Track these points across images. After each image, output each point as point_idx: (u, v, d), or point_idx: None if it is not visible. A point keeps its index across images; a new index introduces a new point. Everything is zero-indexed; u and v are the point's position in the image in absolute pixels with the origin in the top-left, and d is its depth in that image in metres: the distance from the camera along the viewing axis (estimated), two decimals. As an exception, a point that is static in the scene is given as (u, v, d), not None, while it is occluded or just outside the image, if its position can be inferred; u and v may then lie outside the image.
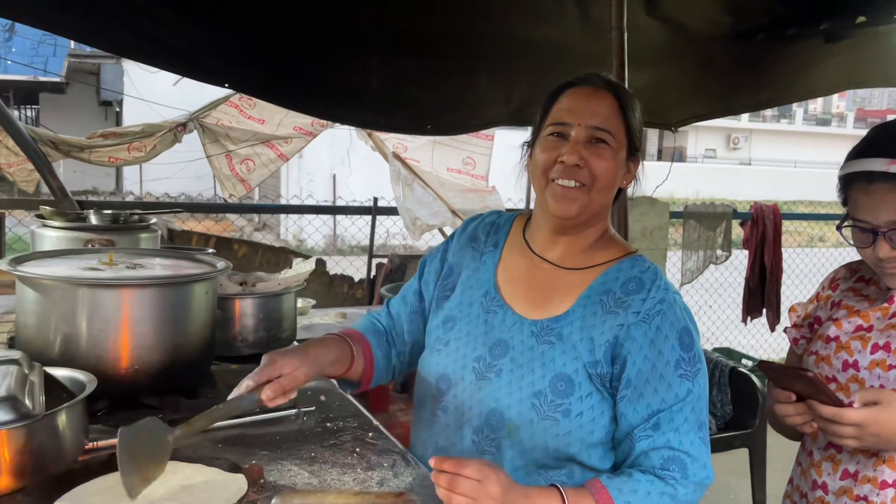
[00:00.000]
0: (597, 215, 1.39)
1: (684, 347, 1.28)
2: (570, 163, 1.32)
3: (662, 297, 1.31)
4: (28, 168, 3.80)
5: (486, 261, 1.48)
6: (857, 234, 1.38)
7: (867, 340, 1.36)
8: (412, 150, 4.42)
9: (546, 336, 1.34)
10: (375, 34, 3.09)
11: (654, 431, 1.25)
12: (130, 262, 1.48)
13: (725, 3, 3.39)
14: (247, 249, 4.22)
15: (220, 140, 4.09)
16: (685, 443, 1.24)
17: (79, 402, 1.13)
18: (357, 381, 1.48)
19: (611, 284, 1.35)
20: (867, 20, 3.28)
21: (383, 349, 1.53)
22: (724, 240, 5.01)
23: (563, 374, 1.29)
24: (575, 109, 1.35)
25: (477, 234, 1.53)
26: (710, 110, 4.12)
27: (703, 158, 31.72)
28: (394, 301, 1.60)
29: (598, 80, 1.39)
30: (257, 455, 1.26)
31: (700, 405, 1.28)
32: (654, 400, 1.26)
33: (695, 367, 1.28)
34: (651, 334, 1.28)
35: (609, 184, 1.35)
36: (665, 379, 1.26)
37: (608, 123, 1.34)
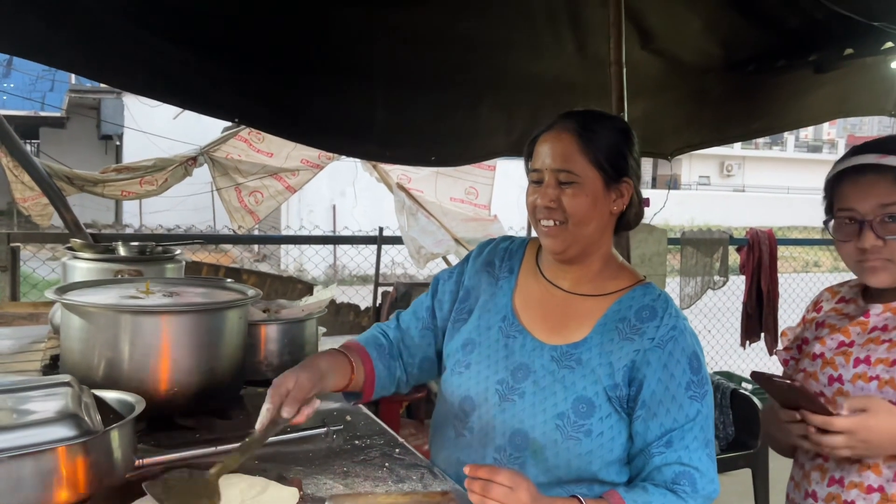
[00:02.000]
0: (592, 245, 1.47)
1: (694, 371, 1.38)
2: (542, 205, 1.44)
3: (675, 324, 1.41)
4: (43, 202, 3.89)
5: (503, 286, 1.57)
6: (842, 227, 1.43)
7: (849, 355, 1.43)
8: (416, 180, 4.53)
9: (566, 361, 1.43)
10: (381, 68, 3.20)
11: (666, 448, 1.35)
12: (166, 291, 1.57)
13: (717, 36, 3.52)
14: (255, 279, 4.30)
15: (230, 173, 4.19)
16: (695, 459, 1.34)
17: (131, 420, 1.20)
18: (359, 392, 1.54)
19: (625, 312, 1.44)
20: (854, 52, 3.40)
21: (385, 361, 1.58)
22: (721, 265, 5.11)
23: (584, 397, 1.38)
24: (542, 155, 1.45)
25: (492, 259, 1.61)
26: (704, 139, 4.22)
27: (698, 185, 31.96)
28: (404, 315, 1.67)
29: (562, 122, 1.46)
30: (293, 470, 1.34)
31: (707, 424, 1.38)
32: (667, 419, 1.36)
33: (703, 389, 1.38)
34: (664, 359, 1.38)
35: (585, 218, 1.43)
36: (677, 400, 1.36)
37: (569, 163, 1.42)
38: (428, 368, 1.64)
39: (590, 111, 1.51)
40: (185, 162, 4.04)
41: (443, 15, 3.03)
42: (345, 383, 1.48)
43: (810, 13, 3.23)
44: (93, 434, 1.10)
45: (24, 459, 1.05)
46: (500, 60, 3.31)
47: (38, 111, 16.07)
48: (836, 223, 1.45)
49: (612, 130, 1.47)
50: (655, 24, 3.35)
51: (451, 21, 3.06)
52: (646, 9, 3.23)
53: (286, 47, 3.04)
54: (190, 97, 3.22)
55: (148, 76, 3.04)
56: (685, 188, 30.16)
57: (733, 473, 3.29)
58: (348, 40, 3.05)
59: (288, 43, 3.02)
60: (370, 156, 4.15)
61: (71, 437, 1.08)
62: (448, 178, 4.51)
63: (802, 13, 3.26)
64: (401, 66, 3.23)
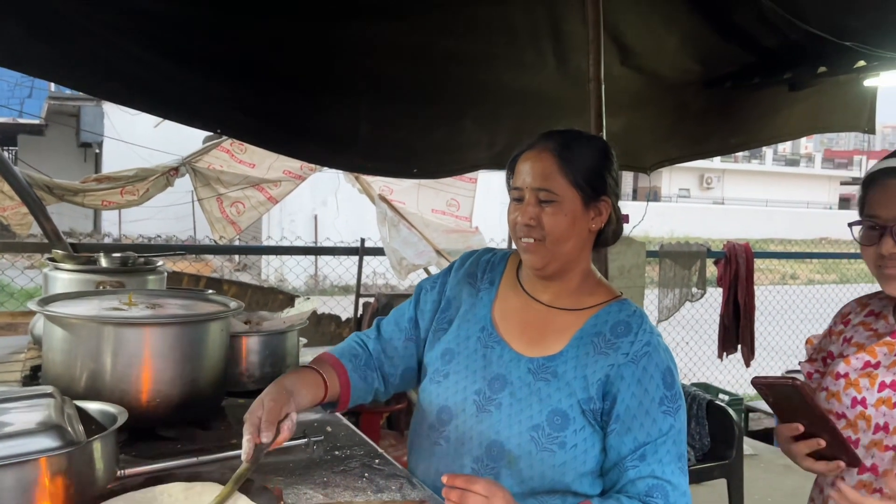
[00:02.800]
0: (571, 261, 1.50)
1: (667, 386, 1.41)
2: (522, 223, 1.47)
3: (648, 339, 1.44)
4: (22, 212, 3.87)
5: (483, 297, 1.59)
6: (865, 232, 1.42)
7: (874, 378, 1.40)
8: (398, 192, 4.56)
9: (542, 373, 1.46)
10: (364, 80, 3.22)
11: (640, 462, 1.37)
12: (149, 303, 1.58)
13: (695, 53, 3.58)
14: (236, 290, 4.30)
15: (212, 184, 4.19)
16: (668, 472, 1.36)
17: (114, 431, 1.21)
18: (334, 402, 1.55)
19: (601, 327, 1.47)
20: (828, 70, 3.48)
21: (360, 372, 1.59)
22: (698, 278, 5.17)
23: (558, 409, 1.41)
24: (523, 174, 1.48)
25: (474, 270, 1.64)
26: (683, 153, 4.27)
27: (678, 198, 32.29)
28: (385, 324, 1.67)
29: (543, 142, 1.50)
30: (274, 480, 1.35)
31: (680, 438, 1.41)
32: (641, 433, 1.38)
33: (676, 404, 1.41)
34: (638, 374, 1.41)
35: (563, 236, 1.46)
36: (650, 415, 1.39)
37: (548, 182, 1.45)
38: (409, 378, 1.66)
39: (570, 131, 1.55)
40: (166, 172, 4.03)
41: (427, 30, 3.07)
42: (319, 398, 1.49)
43: (785, 32, 3.31)
44: (75, 445, 1.11)
45: (7, 470, 1.06)
46: (483, 75, 3.35)
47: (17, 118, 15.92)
48: (863, 227, 1.43)
49: (590, 150, 1.51)
50: (635, 41, 3.40)
51: (435, 36, 3.09)
52: (626, 26, 3.29)
53: (269, 59, 3.06)
54: (173, 108, 3.22)
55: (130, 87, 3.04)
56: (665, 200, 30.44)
57: (709, 483, 3.33)
58: (332, 53, 3.07)
59: (271, 55, 3.03)
60: (353, 168, 4.16)
61: (54, 448, 1.09)
62: (430, 190, 4.54)
63: (778, 32, 3.34)
64: (384, 79, 3.25)
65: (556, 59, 3.36)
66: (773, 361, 7.39)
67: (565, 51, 3.31)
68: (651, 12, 3.29)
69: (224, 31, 2.88)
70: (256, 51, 2.99)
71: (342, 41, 3.03)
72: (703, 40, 3.48)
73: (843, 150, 40.06)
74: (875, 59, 3.20)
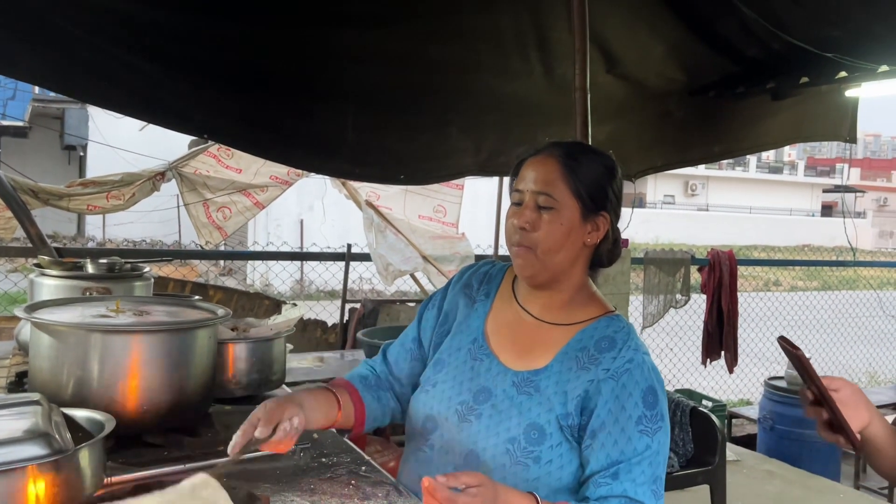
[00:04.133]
0: (562, 273, 1.49)
1: (647, 405, 1.39)
2: (518, 225, 1.46)
3: (632, 356, 1.42)
4: (6, 216, 3.85)
5: (478, 308, 1.60)
6: None
7: None
8: (385, 198, 4.57)
9: (525, 387, 1.45)
10: (351, 87, 3.23)
11: (612, 480, 1.35)
12: (137, 310, 1.58)
13: (680, 62, 3.62)
14: (221, 295, 4.29)
15: (198, 189, 4.19)
16: (640, 493, 1.35)
17: (101, 439, 1.22)
18: (350, 427, 1.55)
19: (586, 342, 1.46)
20: (810, 80, 3.53)
21: (373, 393, 1.60)
22: (683, 285, 5.22)
23: (536, 424, 1.40)
24: (526, 178, 1.48)
25: (471, 281, 1.65)
26: (667, 161, 4.30)
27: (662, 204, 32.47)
28: (392, 348, 1.69)
29: (550, 148, 1.50)
30: (261, 488, 1.36)
31: (658, 460, 1.38)
32: (614, 451, 1.36)
33: (656, 425, 1.38)
34: (617, 390, 1.39)
35: (555, 245, 1.44)
36: (626, 433, 1.37)
37: (549, 187, 1.44)
38: None
39: (579, 143, 1.58)
40: (153, 177, 4.03)
41: (413, 37, 3.09)
42: (332, 418, 1.48)
43: (768, 43, 3.36)
44: (63, 453, 1.11)
45: (-6, 478, 1.06)
46: (469, 82, 3.37)
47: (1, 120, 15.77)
48: None
49: (596, 164, 1.50)
50: (621, 50, 3.44)
51: (422, 43, 3.11)
52: (611, 35, 3.32)
53: (256, 65, 3.06)
54: (160, 113, 3.21)
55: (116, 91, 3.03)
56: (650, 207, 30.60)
57: (692, 490, 3.35)
58: (320, 60, 3.08)
59: (258, 61, 3.03)
60: (340, 173, 4.17)
61: (41, 456, 1.09)
62: (417, 196, 4.56)
63: (760, 43, 3.39)
64: (371, 86, 3.26)
65: (542, 66, 3.39)
66: (757, 367, 7.45)
67: (551, 59, 3.34)
68: (637, 21, 3.32)
69: (211, 36, 2.89)
70: (243, 57, 3.00)
71: (329, 48, 3.05)
72: (687, 50, 3.52)
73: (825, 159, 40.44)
74: (856, 70, 3.25)
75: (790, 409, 4.87)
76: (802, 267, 14.36)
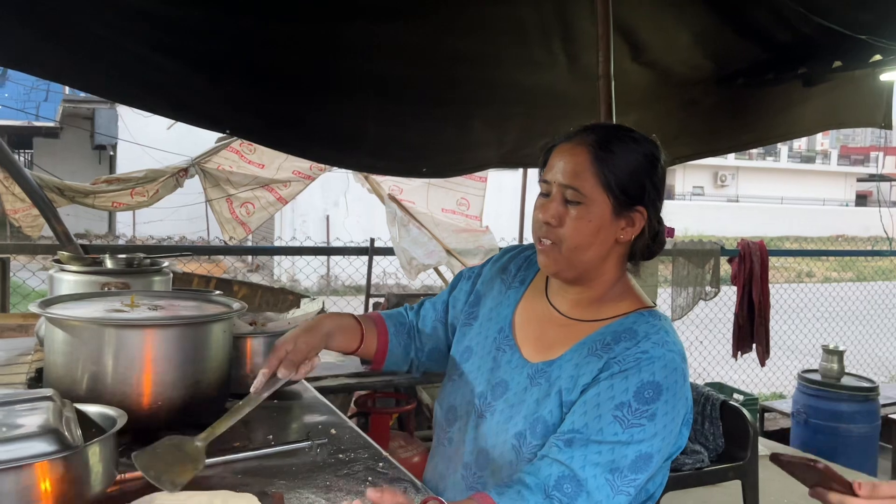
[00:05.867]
0: (592, 270, 1.37)
1: (639, 398, 1.24)
2: (542, 220, 1.35)
3: (648, 349, 1.28)
4: (33, 214, 3.89)
5: (510, 296, 1.51)
6: None
7: None
8: (408, 191, 4.54)
9: (538, 379, 1.37)
10: (373, 81, 3.21)
11: (564, 446, 1.24)
12: (152, 304, 1.57)
13: (707, 49, 3.54)
14: (246, 291, 4.29)
15: (221, 184, 4.20)
16: (587, 472, 1.21)
17: (112, 435, 1.20)
18: (368, 359, 1.57)
19: (606, 334, 1.34)
20: (843, 65, 3.43)
21: (402, 339, 1.60)
22: (712, 276, 5.12)
23: (541, 418, 1.32)
24: (554, 168, 1.36)
25: (509, 265, 1.56)
26: (694, 151, 4.24)
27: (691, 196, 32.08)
28: (427, 302, 1.66)
29: (581, 134, 1.37)
30: (276, 485, 1.33)
31: (625, 453, 1.22)
32: (580, 421, 1.25)
33: (638, 420, 1.23)
34: (617, 376, 1.27)
35: (583, 243, 1.33)
36: (599, 410, 1.25)
37: (577, 181, 1.32)
38: (437, 359, 1.63)
39: (616, 127, 1.42)
40: (176, 173, 4.04)
41: (434, 30, 3.05)
42: (353, 348, 1.51)
43: (798, 27, 3.26)
44: (73, 449, 1.10)
45: (3, 475, 1.04)
46: (492, 74, 3.33)
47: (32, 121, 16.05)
48: None
49: (633, 153, 1.34)
50: (646, 38, 3.37)
51: (443, 35, 3.08)
52: (636, 22, 3.25)
53: (277, 60, 3.05)
54: (181, 109, 3.23)
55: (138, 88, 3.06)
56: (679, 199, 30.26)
57: (723, 485, 3.29)
58: (339, 54, 3.06)
59: (279, 56, 3.03)
60: (362, 167, 4.16)
61: (51, 452, 1.08)
62: (440, 190, 4.52)
63: (791, 27, 3.29)
64: (392, 79, 3.24)
65: (566, 56, 3.33)
66: (790, 360, 7.31)
67: (576, 48, 3.29)
68: (663, 7, 3.25)
69: (231, 33, 2.89)
70: (264, 52, 2.99)
71: (349, 41, 3.02)
72: (715, 36, 3.44)
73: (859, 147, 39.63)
74: (891, 53, 3.15)
75: (825, 402, 4.77)
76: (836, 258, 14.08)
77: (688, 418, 1.34)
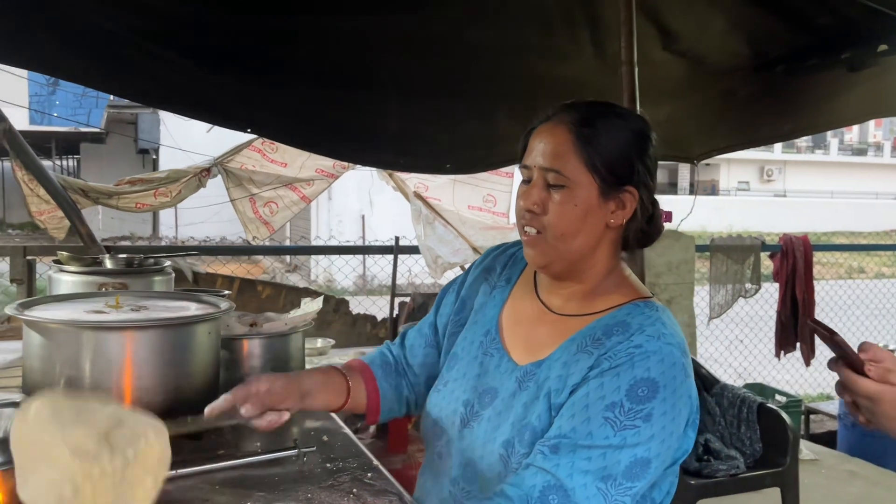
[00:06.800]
0: (582, 261, 1.28)
1: (632, 397, 1.13)
2: (524, 207, 1.26)
3: (642, 343, 1.18)
4: (58, 216, 3.91)
5: (496, 296, 1.41)
6: None
7: None
8: (433, 188, 4.47)
9: (526, 381, 1.26)
10: (393, 76, 3.15)
11: (550, 452, 1.14)
12: (135, 305, 1.50)
13: (743, 36, 3.38)
14: (270, 291, 4.26)
15: (244, 184, 4.18)
16: (574, 481, 1.11)
17: (73, 444, 1.13)
18: (360, 412, 1.44)
19: (597, 329, 1.24)
20: (889, 48, 3.24)
21: (391, 381, 1.47)
22: (753, 273, 4.94)
23: (529, 424, 1.21)
24: (534, 151, 1.26)
25: (493, 265, 1.46)
26: (732, 142, 4.11)
27: (736, 191, 31.41)
28: (410, 332, 1.54)
29: (560, 112, 1.28)
30: (254, 497, 1.25)
31: (618, 459, 1.12)
32: (567, 425, 1.15)
33: (631, 422, 1.13)
34: (607, 373, 1.16)
35: (569, 230, 1.24)
36: (588, 412, 1.14)
37: (559, 163, 1.23)
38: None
39: (598, 104, 1.30)
40: (198, 173, 4.03)
41: (454, 21, 2.97)
42: (338, 404, 1.38)
43: (841, 9, 3.09)
44: (21, 461, 1.03)
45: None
46: (515, 65, 3.24)
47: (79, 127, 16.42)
48: None
49: (618, 129, 1.26)
50: (677, 24, 3.23)
51: (464, 27, 2.99)
52: (666, 8, 3.12)
53: (295, 56, 3.02)
54: (202, 108, 3.21)
55: (159, 88, 3.05)
56: (723, 194, 29.66)
57: (763, 492, 3.12)
58: (359, 49, 3.00)
59: (297, 52, 2.99)
60: (384, 164, 4.10)
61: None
62: (466, 187, 4.44)
63: (833, 10, 3.13)
64: (413, 73, 3.18)
65: (592, 46, 3.22)
66: (838, 360, 7.03)
67: (602, 37, 3.17)
68: (694, -8, 3.11)
69: (249, 30, 2.85)
70: (282, 49, 2.96)
71: (369, 34, 2.97)
72: (751, 21, 3.29)
73: (914, 138, 38.37)
74: (942, 34, 2.96)
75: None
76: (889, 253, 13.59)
77: (693, 419, 1.22)
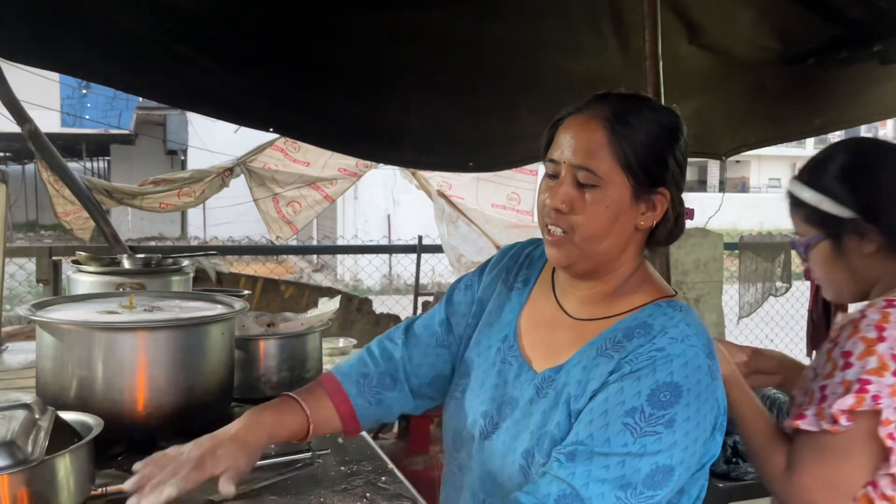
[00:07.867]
0: (609, 263, 1.22)
1: (654, 402, 1.08)
2: (551, 206, 1.19)
3: (664, 346, 1.12)
4: (84, 216, 3.94)
5: (514, 298, 1.33)
6: None
7: None
8: (457, 187, 4.44)
9: (545, 388, 1.20)
10: (414, 74, 3.12)
11: (565, 460, 1.09)
12: (149, 305, 1.49)
13: (772, 29, 3.30)
14: (294, 290, 4.25)
15: (267, 183, 4.18)
16: (591, 490, 1.06)
17: (82, 446, 1.11)
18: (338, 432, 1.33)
19: (618, 331, 1.18)
20: (924, 39, 3.15)
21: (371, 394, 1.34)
22: (783, 271, 4.84)
23: (549, 433, 1.15)
24: (563, 145, 1.19)
25: (511, 265, 1.38)
26: (761, 138, 4.03)
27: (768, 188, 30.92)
28: (417, 326, 1.42)
29: (595, 105, 1.21)
30: (266, 501, 1.23)
31: (638, 467, 1.06)
32: (584, 432, 1.10)
33: (652, 428, 1.07)
34: (628, 378, 1.11)
35: (599, 232, 1.17)
36: (607, 418, 1.09)
37: (592, 160, 1.16)
38: (441, 386, 1.40)
39: (632, 96, 1.24)
40: (221, 173, 4.04)
41: (475, 18, 2.92)
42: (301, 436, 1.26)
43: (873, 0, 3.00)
44: (26, 464, 1.01)
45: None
46: (538, 61, 3.19)
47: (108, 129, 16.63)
48: None
49: (653, 125, 1.19)
50: (704, 17, 3.16)
51: (486, 22, 2.95)
52: (692, 0, 3.05)
53: (318, 56, 3.00)
54: (224, 108, 3.22)
55: (182, 89, 3.06)
56: (754, 191, 29.21)
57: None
58: (379, 46, 2.98)
59: (320, 51, 2.97)
60: (406, 163, 4.08)
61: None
62: (490, 184, 4.40)
63: (864, 0, 3.03)
64: (434, 71, 3.14)
65: (617, 40, 3.16)
66: (872, 360, 6.88)
67: (626, 32, 3.11)
68: (719, -16, 3.04)
69: (271, 29, 2.84)
70: (304, 48, 2.95)
71: (390, 32, 2.94)
72: (780, 13, 3.20)
73: (951, 134, 37.53)
74: (976, 24, 2.86)
75: (909, 406, 4.43)
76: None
77: (721, 422, 1.15)
